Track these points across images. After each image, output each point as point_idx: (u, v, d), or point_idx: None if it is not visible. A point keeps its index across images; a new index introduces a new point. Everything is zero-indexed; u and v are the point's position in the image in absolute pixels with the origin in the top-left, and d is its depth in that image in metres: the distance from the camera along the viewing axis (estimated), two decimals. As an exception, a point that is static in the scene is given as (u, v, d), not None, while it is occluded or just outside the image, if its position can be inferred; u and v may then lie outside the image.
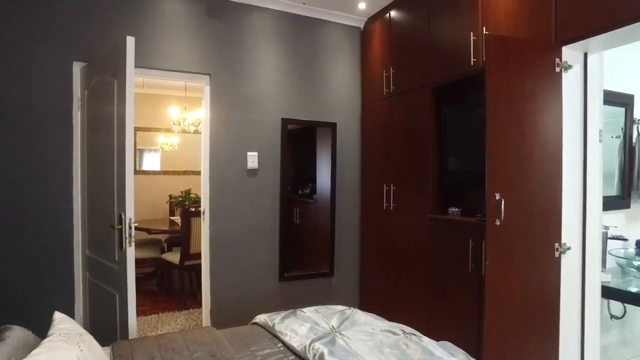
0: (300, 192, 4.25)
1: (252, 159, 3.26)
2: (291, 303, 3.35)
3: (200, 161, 3.23)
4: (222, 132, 3.19)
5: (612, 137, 2.99)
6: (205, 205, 3.18)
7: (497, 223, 1.86)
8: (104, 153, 2.41)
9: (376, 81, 3.47)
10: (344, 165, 3.70)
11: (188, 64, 3.06)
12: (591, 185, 2.16)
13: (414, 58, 3.02)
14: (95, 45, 2.72)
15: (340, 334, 1.85)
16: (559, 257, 2.06)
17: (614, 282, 2.55)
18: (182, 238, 4.04)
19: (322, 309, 2.17)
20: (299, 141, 4.03)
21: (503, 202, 1.85)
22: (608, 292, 2.47)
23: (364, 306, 3.68)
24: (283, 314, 2.12)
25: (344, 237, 3.71)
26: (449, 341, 1.87)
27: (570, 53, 2.06)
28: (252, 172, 3.27)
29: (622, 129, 2.93)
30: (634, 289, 2.51)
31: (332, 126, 3.60)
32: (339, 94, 3.66)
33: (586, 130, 2.13)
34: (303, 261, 3.97)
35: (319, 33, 3.56)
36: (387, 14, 3.33)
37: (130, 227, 2.18)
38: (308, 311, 2.12)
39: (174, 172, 6.17)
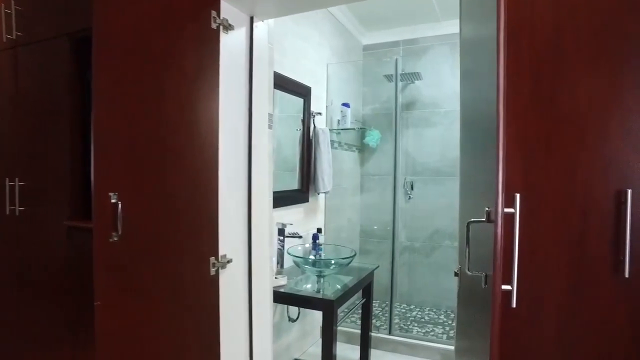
0: None
1: None
2: None
3: None
4: None
5: (297, 130, 2.90)
6: None
7: (115, 239, 1.21)
8: None
9: (-2, 22, 2.32)
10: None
11: None
12: (258, 180, 1.80)
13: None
14: None
15: None
16: (217, 275, 1.60)
17: (291, 284, 2.37)
18: None
19: None
20: None
21: (120, 205, 1.21)
22: (281, 298, 2.24)
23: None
24: None
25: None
26: None
27: (232, 10, 1.62)
28: None
29: (303, 121, 2.85)
30: (308, 286, 2.39)
31: None
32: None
33: (252, 113, 1.75)
34: None
35: None
36: None
37: None
38: None
39: None
